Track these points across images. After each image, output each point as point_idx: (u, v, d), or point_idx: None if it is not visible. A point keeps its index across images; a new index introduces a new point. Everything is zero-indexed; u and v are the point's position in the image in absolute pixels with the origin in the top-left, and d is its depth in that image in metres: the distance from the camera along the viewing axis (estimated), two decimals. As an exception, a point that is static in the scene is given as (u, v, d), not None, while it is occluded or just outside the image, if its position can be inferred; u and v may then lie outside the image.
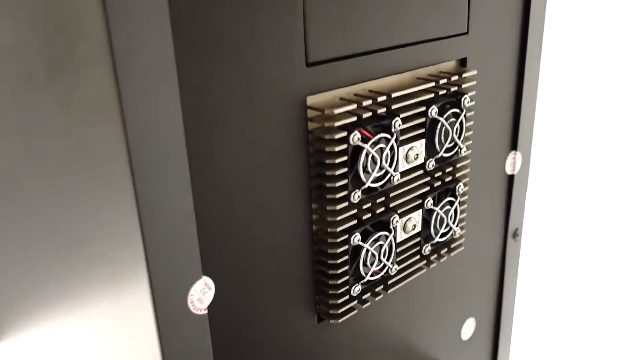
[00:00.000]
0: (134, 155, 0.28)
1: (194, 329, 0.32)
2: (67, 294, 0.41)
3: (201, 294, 0.32)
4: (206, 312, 0.32)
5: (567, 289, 1.05)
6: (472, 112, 0.43)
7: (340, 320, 0.39)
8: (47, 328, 0.48)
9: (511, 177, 0.51)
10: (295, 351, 0.39)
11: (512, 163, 0.51)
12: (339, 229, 0.36)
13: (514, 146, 0.50)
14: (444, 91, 0.40)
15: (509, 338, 0.58)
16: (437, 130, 0.40)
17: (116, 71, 0.26)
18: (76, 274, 0.38)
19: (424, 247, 0.43)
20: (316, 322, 0.39)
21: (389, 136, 0.36)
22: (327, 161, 0.35)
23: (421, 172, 0.41)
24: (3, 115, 0.37)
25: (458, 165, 0.43)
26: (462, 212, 0.45)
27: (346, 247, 0.37)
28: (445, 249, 0.45)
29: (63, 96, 0.31)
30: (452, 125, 0.41)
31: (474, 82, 0.42)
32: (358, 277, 0.39)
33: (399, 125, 0.37)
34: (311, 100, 0.34)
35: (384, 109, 0.36)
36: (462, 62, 0.43)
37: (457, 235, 0.45)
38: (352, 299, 0.39)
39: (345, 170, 0.35)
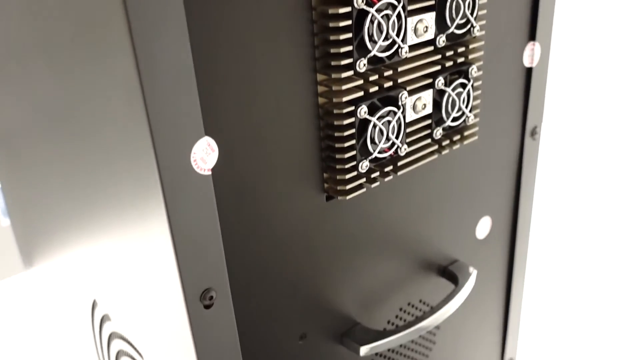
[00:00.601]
0: (131, 12, 0.27)
1: (198, 188, 0.32)
2: (79, 177, 0.42)
3: (204, 154, 0.32)
4: (210, 173, 0.32)
5: (586, 193, 1.02)
6: (486, -10, 0.42)
7: (348, 197, 0.38)
8: (72, 232, 0.49)
9: (529, 70, 0.50)
10: (303, 229, 0.39)
11: (531, 55, 0.49)
12: (344, 99, 0.36)
13: (532, 36, 0.49)
14: (455, -38, 0.38)
15: (527, 239, 0.57)
16: (448, 3, 0.38)
17: None
18: (87, 149, 0.38)
19: (435, 131, 0.42)
20: (324, 201, 0.39)
21: (395, 2, 0.35)
22: (331, 25, 0.34)
23: (431, 48, 0.39)
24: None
25: (471, 46, 0.42)
26: (475, 98, 0.44)
27: (352, 119, 0.36)
28: (458, 136, 0.44)
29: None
30: (463, -1, 0.39)
31: (488, -45, 0.40)
32: (366, 153, 0.38)
33: (406, -8, 0.36)
34: (313, -40, 0.33)
35: (390, -26, 0.35)
36: (476, -63, 0.41)
37: (471, 122, 0.44)
38: (360, 176, 0.39)
39: (349, 35, 0.34)
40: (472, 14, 0.40)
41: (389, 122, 0.38)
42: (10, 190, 0.69)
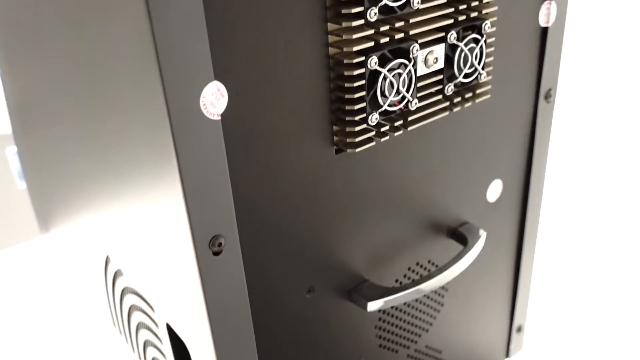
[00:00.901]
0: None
1: (208, 133, 0.32)
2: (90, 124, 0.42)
3: (213, 99, 0.32)
4: (219, 118, 0.32)
5: (602, 159, 1.01)
6: (501, -58, 0.41)
7: (357, 150, 0.39)
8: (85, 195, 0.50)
9: (545, 30, 0.49)
10: (312, 180, 0.39)
11: (547, 14, 0.48)
12: (355, 49, 0.36)
13: (548, -5, 0.48)
14: None
15: (539, 204, 0.57)
16: (462, -45, 0.38)
17: None
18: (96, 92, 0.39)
19: (446, 87, 0.42)
20: (334, 153, 0.39)
21: (407, -50, 0.35)
22: (341, -28, 0.34)
23: (444, 0, 0.39)
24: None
25: (485, 1, 0.41)
26: (488, 55, 0.44)
27: (363, 70, 0.36)
28: (470, 94, 0.44)
29: None
30: (478, -50, 0.39)
31: None
32: (376, 106, 0.38)
33: (419, -59, 0.35)
34: None
35: None
36: None
37: (483, 80, 0.44)
38: (369, 129, 0.39)
39: (360, -17, 0.34)
40: (486, -34, 0.40)
41: (400, 74, 0.38)
42: (26, 154, 0.70)
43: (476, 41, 0.42)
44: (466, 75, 0.42)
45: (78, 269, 0.69)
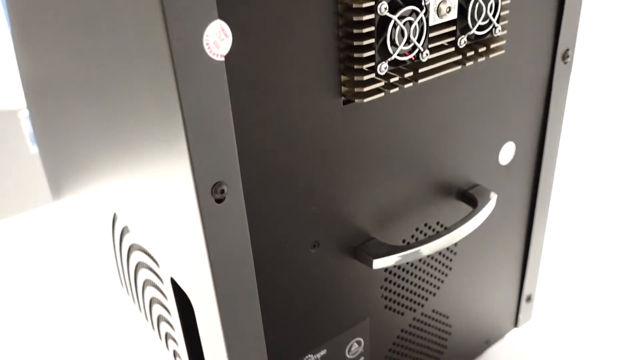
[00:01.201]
0: None
1: (211, 75, 0.31)
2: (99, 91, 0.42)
3: (217, 38, 0.31)
4: (223, 59, 0.32)
5: (620, 126, 0.98)
6: None
7: (365, 100, 0.38)
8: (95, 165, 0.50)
9: (564, -14, 0.47)
10: (319, 132, 0.38)
11: (566, -31, 0.47)
12: (364, -7, 0.35)
13: (569, -51, 0.46)
14: None
15: (553, 166, 0.55)
16: None
17: None
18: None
19: (459, 39, 0.41)
20: (341, 104, 0.38)
21: None
22: None
23: (458, -54, 0.38)
24: None
25: (501, -50, 0.40)
26: (503, 8, 0.42)
27: (372, 16, 0.35)
28: (484, 48, 0.43)
29: None
30: None
31: None
32: (385, 55, 0.37)
33: None
34: None
35: None
36: None
37: (498, 34, 0.42)
38: (378, 79, 0.38)
39: None
40: None
41: (411, 22, 0.37)
42: (38, 119, 0.70)
43: (491, -8, 0.40)
44: (480, 28, 0.41)
45: (87, 232, 0.69)
